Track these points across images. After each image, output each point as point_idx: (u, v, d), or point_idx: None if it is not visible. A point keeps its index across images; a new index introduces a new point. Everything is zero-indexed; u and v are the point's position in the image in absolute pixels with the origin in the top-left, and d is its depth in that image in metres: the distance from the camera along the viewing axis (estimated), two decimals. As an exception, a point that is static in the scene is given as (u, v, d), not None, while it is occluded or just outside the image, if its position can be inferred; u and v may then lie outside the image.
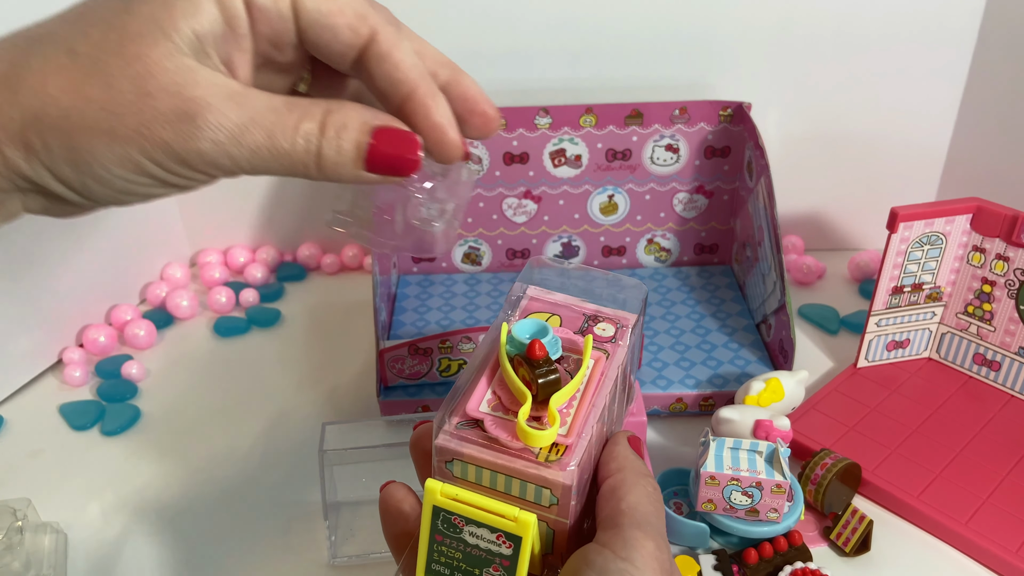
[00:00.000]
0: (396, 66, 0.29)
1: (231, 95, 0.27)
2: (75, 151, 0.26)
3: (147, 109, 0.26)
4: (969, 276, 0.62)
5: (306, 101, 0.28)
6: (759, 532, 0.48)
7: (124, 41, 0.26)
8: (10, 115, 0.26)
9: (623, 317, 0.37)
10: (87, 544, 0.53)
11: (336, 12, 0.28)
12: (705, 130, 0.73)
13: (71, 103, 0.26)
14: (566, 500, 0.31)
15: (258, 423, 0.63)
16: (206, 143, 0.26)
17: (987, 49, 0.72)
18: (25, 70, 0.26)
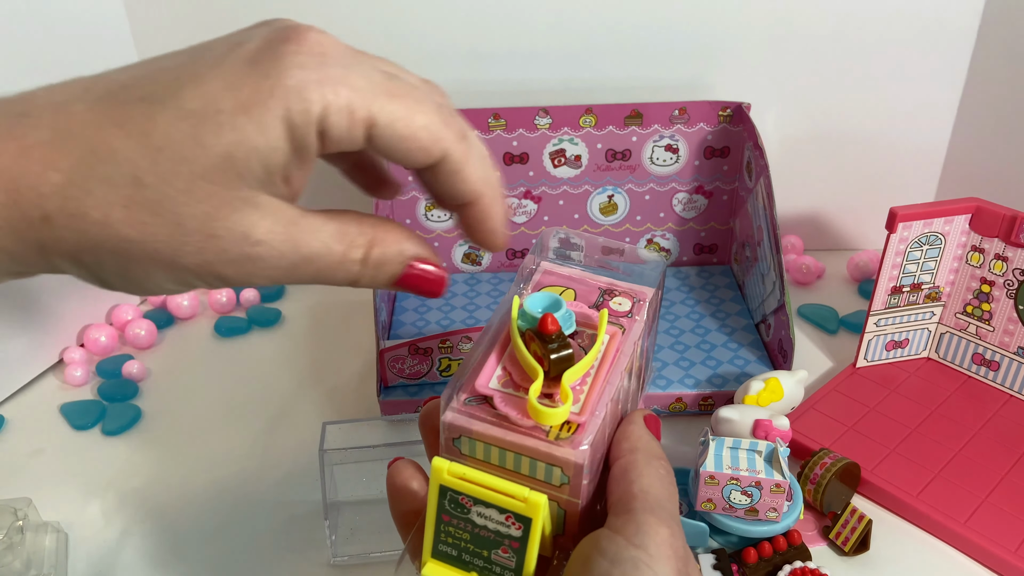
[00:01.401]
0: (464, 180, 0.30)
1: (288, 231, 0.27)
2: (128, 271, 0.27)
3: (211, 249, 0.26)
4: (968, 276, 0.62)
5: (354, 227, 0.29)
6: (758, 531, 0.48)
7: (194, 177, 0.25)
8: (65, 237, 0.25)
9: (640, 291, 0.36)
10: (88, 544, 0.53)
11: (410, 138, 0.28)
12: (705, 130, 0.73)
13: (137, 237, 0.26)
14: (578, 480, 0.30)
15: (258, 423, 0.63)
16: (259, 277, 0.28)
17: (987, 49, 0.73)
18: (86, 193, 0.25)
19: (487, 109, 0.71)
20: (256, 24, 0.29)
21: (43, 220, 0.25)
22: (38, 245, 0.26)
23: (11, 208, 0.25)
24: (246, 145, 0.26)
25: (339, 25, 0.71)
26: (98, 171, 0.25)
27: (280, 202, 0.28)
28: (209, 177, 0.26)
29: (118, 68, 0.28)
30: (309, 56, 0.27)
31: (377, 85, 0.28)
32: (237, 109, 0.26)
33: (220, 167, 0.26)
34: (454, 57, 0.73)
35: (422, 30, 0.72)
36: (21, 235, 0.25)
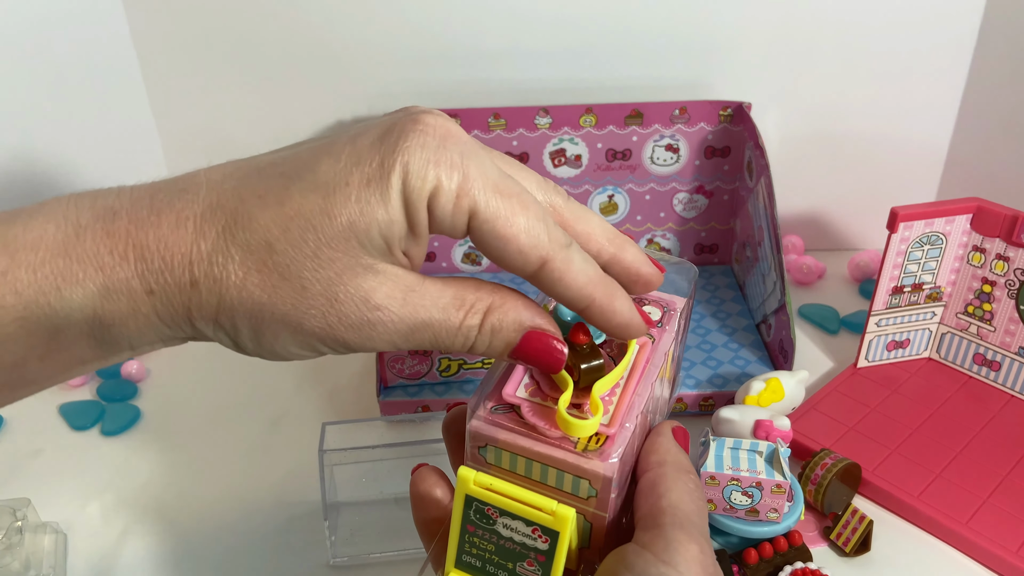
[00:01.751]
0: (568, 287, 0.30)
1: (407, 297, 0.29)
2: (261, 335, 0.29)
3: (333, 313, 0.28)
4: (969, 276, 0.62)
5: (471, 294, 0.30)
6: (759, 532, 0.48)
7: (321, 245, 0.27)
8: (208, 300, 0.28)
9: (670, 300, 0.35)
10: (87, 544, 0.53)
11: (509, 239, 0.28)
12: (705, 130, 0.73)
13: (267, 300, 0.28)
14: (605, 493, 0.29)
15: (258, 423, 0.63)
16: (379, 342, 0.29)
17: (988, 48, 0.72)
18: (228, 259, 0.28)
19: (487, 109, 0.71)
20: (393, 111, 0.30)
21: (191, 285, 0.28)
22: (186, 309, 0.28)
23: (166, 274, 0.28)
24: (367, 216, 0.27)
25: (339, 25, 0.71)
26: (238, 238, 0.28)
27: (399, 269, 0.29)
28: (333, 245, 0.27)
29: (269, 152, 0.30)
30: (432, 138, 0.28)
31: (489, 178, 0.28)
32: (362, 182, 0.27)
33: (343, 235, 0.27)
34: (454, 57, 0.73)
35: (422, 30, 0.72)
36: (172, 299, 0.28)
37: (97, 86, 0.70)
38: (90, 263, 0.27)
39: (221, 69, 0.73)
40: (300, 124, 0.76)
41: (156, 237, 0.28)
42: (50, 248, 0.28)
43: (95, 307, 0.28)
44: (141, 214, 0.28)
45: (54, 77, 0.66)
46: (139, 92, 0.74)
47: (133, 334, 0.29)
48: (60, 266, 0.27)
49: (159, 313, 0.28)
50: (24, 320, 0.27)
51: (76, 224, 0.28)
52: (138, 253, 0.28)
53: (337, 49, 0.72)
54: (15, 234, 0.28)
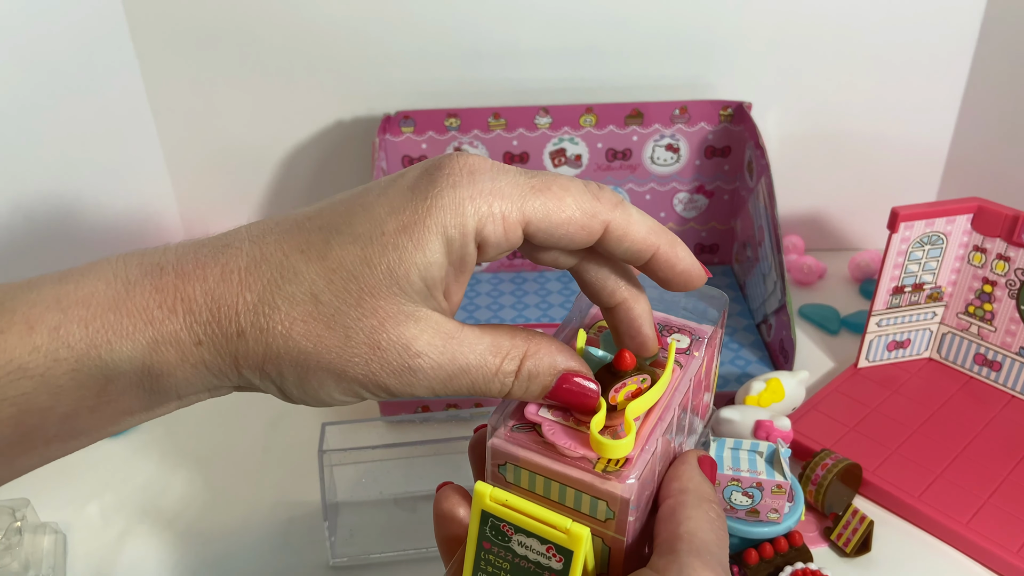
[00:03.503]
0: (634, 241, 0.31)
1: (446, 344, 0.30)
2: (306, 382, 0.29)
3: (376, 360, 0.29)
4: (970, 276, 0.62)
5: (507, 341, 0.31)
6: (759, 532, 0.48)
7: (363, 295, 0.29)
8: (255, 349, 0.29)
9: (699, 329, 0.35)
10: (86, 544, 0.53)
11: (567, 221, 0.30)
12: (705, 130, 0.73)
13: (312, 349, 0.29)
14: (623, 515, 0.29)
15: (258, 423, 0.63)
16: (419, 388, 0.30)
17: (988, 48, 0.72)
18: (273, 309, 0.29)
19: (487, 108, 0.71)
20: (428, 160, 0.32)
21: (239, 335, 0.29)
22: (233, 358, 0.29)
23: (213, 325, 0.29)
24: (407, 261, 0.29)
25: (340, 25, 0.71)
26: (284, 290, 0.29)
27: (439, 316, 0.30)
28: (375, 293, 0.29)
29: (309, 206, 0.31)
30: (460, 176, 0.29)
31: (523, 187, 0.30)
32: (399, 230, 0.29)
33: (384, 283, 0.29)
34: (454, 57, 0.73)
35: (422, 30, 0.72)
36: (220, 349, 0.29)
37: (97, 86, 0.70)
38: (140, 317, 0.29)
39: (221, 69, 0.73)
40: (300, 124, 0.76)
41: (203, 290, 0.29)
42: (101, 304, 0.29)
43: (144, 359, 0.29)
44: (187, 268, 0.29)
45: (54, 77, 0.66)
46: (139, 92, 0.74)
47: (181, 384, 0.30)
48: (111, 320, 0.29)
49: (207, 363, 0.29)
50: (76, 372, 0.28)
51: (125, 280, 0.29)
52: (186, 306, 0.29)
53: (337, 49, 0.72)
54: (67, 291, 0.29)
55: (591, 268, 0.33)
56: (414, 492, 0.54)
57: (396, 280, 0.29)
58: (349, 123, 0.76)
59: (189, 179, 0.79)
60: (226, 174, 0.79)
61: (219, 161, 0.78)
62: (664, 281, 0.32)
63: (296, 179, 0.79)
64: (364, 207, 0.30)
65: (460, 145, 0.72)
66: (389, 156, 0.72)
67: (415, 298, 0.29)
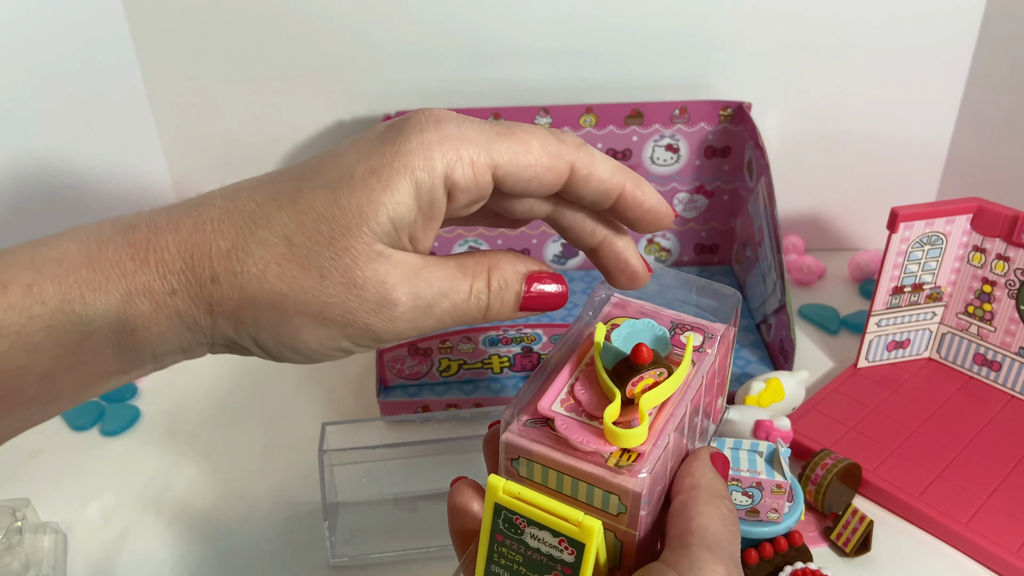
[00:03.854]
0: (600, 179, 0.32)
1: (419, 274, 0.31)
2: (283, 328, 0.30)
3: (353, 297, 0.29)
4: (969, 276, 0.62)
5: (469, 259, 0.32)
6: (759, 532, 0.48)
7: (334, 234, 0.29)
8: (229, 294, 0.29)
9: (712, 327, 0.35)
10: (87, 544, 0.53)
11: (534, 164, 0.31)
12: (705, 130, 0.73)
13: (287, 290, 0.29)
14: (635, 509, 0.29)
15: (258, 423, 0.63)
16: (402, 323, 0.30)
17: (988, 48, 0.72)
18: (246, 254, 0.29)
19: (487, 109, 0.71)
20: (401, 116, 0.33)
21: (212, 280, 0.29)
22: (207, 306, 0.30)
23: (187, 272, 0.29)
24: (375, 201, 0.29)
25: (340, 25, 0.71)
26: (257, 235, 0.29)
27: (406, 253, 0.31)
28: (346, 232, 0.29)
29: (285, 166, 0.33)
30: (426, 123, 0.30)
31: (489, 133, 0.31)
32: (367, 173, 0.30)
33: (354, 223, 0.29)
34: (454, 57, 0.73)
35: (422, 30, 0.72)
36: (194, 296, 0.29)
37: (97, 86, 0.70)
38: (113, 270, 0.29)
39: (221, 69, 0.73)
40: (300, 124, 0.76)
41: (175, 240, 0.29)
42: (74, 261, 0.29)
43: (118, 312, 0.29)
44: (160, 223, 0.30)
45: (54, 77, 0.66)
46: (139, 92, 0.74)
47: (156, 340, 0.30)
48: (84, 275, 0.29)
49: (181, 314, 0.30)
50: (51, 328, 0.29)
51: (99, 239, 0.30)
52: (158, 256, 0.29)
53: (337, 49, 0.72)
54: (40, 252, 0.29)
55: (566, 213, 0.33)
56: (414, 492, 0.54)
57: (365, 220, 0.29)
58: (349, 123, 0.76)
59: (189, 179, 0.79)
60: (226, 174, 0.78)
61: (219, 161, 0.78)
62: (633, 221, 0.33)
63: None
64: (333, 156, 0.31)
65: (460, 145, 0.72)
66: (389, 156, 0.72)
67: (383, 238, 0.30)
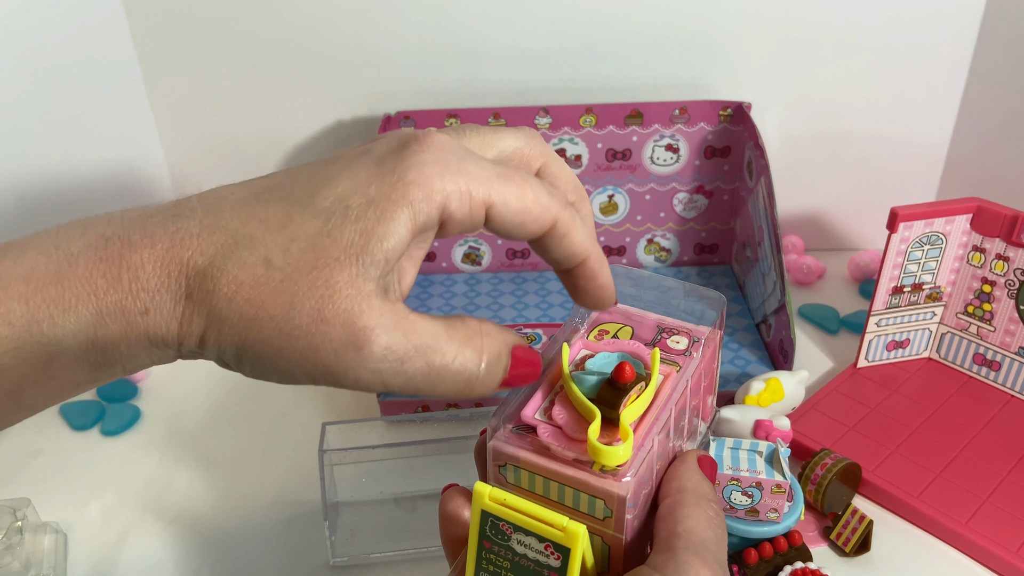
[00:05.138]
0: (572, 242, 0.32)
1: (397, 323, 0.29)
2: (244, 353, 0.29)
3: (317, 334, 0.28)
4: (969, 276, 0.62)
5: (459, 322, 0.31)
6: (759, 532, 0.48)
7: (318, 264, 0.28)
8: (199, 313, 0.28)
9: (697, 330, 0.36)
10: (87, 544, 0.53)
11: (524, 211, 0.30)
12: (705, 130, 0.73)
13: (253, 315, 0.28)
14: (621, 513, 0.30)
15: (258, 423, 0.63)
16: (365, 371, 0.28)
17: (988, 48, 0.72)
18: (222, 273, 0.28)
19: (487, 109, 0.71)
20: (383, 134, 0.32)
21: (186, 298, 0.28)
22: (178, 323, 0.28)
23: (162, 291, 0.28)
24: (369, 234, 0.28)
25: (340, 25, 0.71)
26: (236, 254, 0.28)
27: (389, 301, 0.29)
28: (331, 265, 0.28)
29: (261, 176, 0.31)
30: (428, 152, 0.29)
31: (490, 172, 0.30)
32: (365, 204, 0.28)
33: (343, 256, 0.28)
34: (454, 57, 0.73)
35: (422, 30, 0.72)
36: (167, 314, 0.28)
37: (97, 86, 0.70)
38: (83, 288, 0.28)
39: (221, 69, 0.73)
40: (300, 124, 0.76)
41: (151, 258, 0.28)
42: (42, 279, 0.28)
43: (88, 332, 0.28)
44: (134, 238, 0.28)
45: (54, 77, 0.66)
46: (139, 92, 0.74)
47: (125, 356, 0.29)
48: (53, 294, 0.28)
49: (150, 333, 0.28)
50: (18, 350, 0.28)
51: (68, 253, 0.28)
52: (132, 274, 0.28)
53: (337, 49, 0.72)
54: (6, 267, 0.28)
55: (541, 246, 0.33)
56: (414, 492, 0.54)
57: (356, 254, 0.28)
58: (349, 123, 0.76)
59: (189, 179, 0.79)
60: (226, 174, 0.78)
61: (219, 161, 0.78)
62: (579, 290, 0.33)
63: (296, 179, 0.79)
64: (327, 180, 0.29)
65: (460, 145, 0.72)
66: (389, 156, 0.72)
67: (372, 273, 0.28)
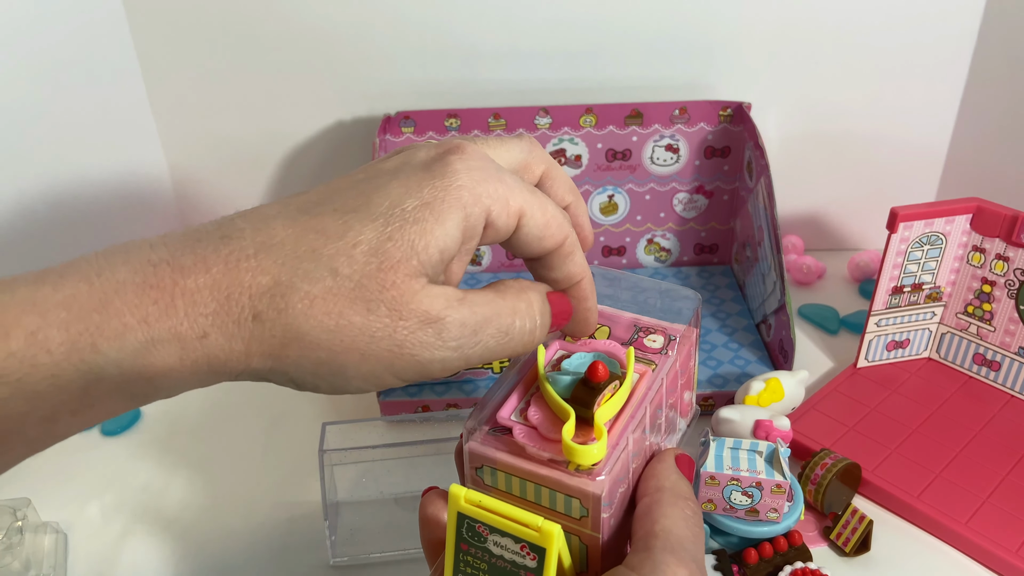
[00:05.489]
0: (575, 262, 0.35)
1: (461, 302, 0.31)
2: (325, 366, 0.29)
3: (401, 331, 0.29)
4: (969, 276, 0.62)
5: (504, 288, 0.33)
6: (759, 532, 0.48)
7: (384, 267, 0.29)
8: (272, 333, 0.28)
9: (673, 328, 0.36)
10: (87, 544, 0.53)
11: (545, 225, 0.33)
12: (705, 130, 0.73)
13: (334, 326, 0.28)
14: (596, 512, 0.30)
15: (258, 423, 0.63)
16: (448, 351, 0.30)
17: (988, 48, 0.72)
18: (291, 289, 0.28)
19: (487, 109, 0.71)
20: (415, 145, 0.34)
21: (254, 318, 0.28)
22: (245, 346, 0.28)
23: (221, 315, 0.28)
24: (427, 235, 0.30)
25: (340, 25, 0.71)
26: (301, 269, 0.28)
27: (447, 288, 0.31)
28: (396, 267, 0.29)
29: (305, 192, 0.32)
30: (473, 161, 0.31)
31: (521, 185, 0.33)
32: (420, 206, 0.30)
33: (405, 257, 0.29)
34: (454, 57, 0.73)
35: (422, 30, 0.72)
36: (230, 336, 0.28)
37: (97, 86, 0.70)
38: (132, 316, 0.27)
39: (221, 69, 0.73)
40: (300, 123, 0.76)
41: (207, 282, 0.28)
42: (84, 306, 0.27)
43: (134, 362, 0.27)
44: (185, 263, 0.28)
45: (54, 76, 0.66)
46: (139, 92, 0.74)
47: (171, 385, 0.29)
48: (96, 322, 0.27)
49: (210, 357, 0.28)
50: (56, 378, 0.27)
51: (113, 280, 0.27)
52: (188, 300, 0.27)
53: (337, 49, 0.72)
54: (44, 294, 0.27)
55: None
56: (414, 491, 0.54)
57: (416, 254, 0.29)
58: (349, 123, 0.76)
59: (189, 179, 0.79)
60: (226, 174, 0.79)
61: (219, 161, 0.78)
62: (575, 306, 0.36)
63: (296, 179, 0.79)
64: (378, 187, 0.31)
65: (460, 145, 0.72)
66: (389, 156, 0.72)
67: (429, 271, 0.30)
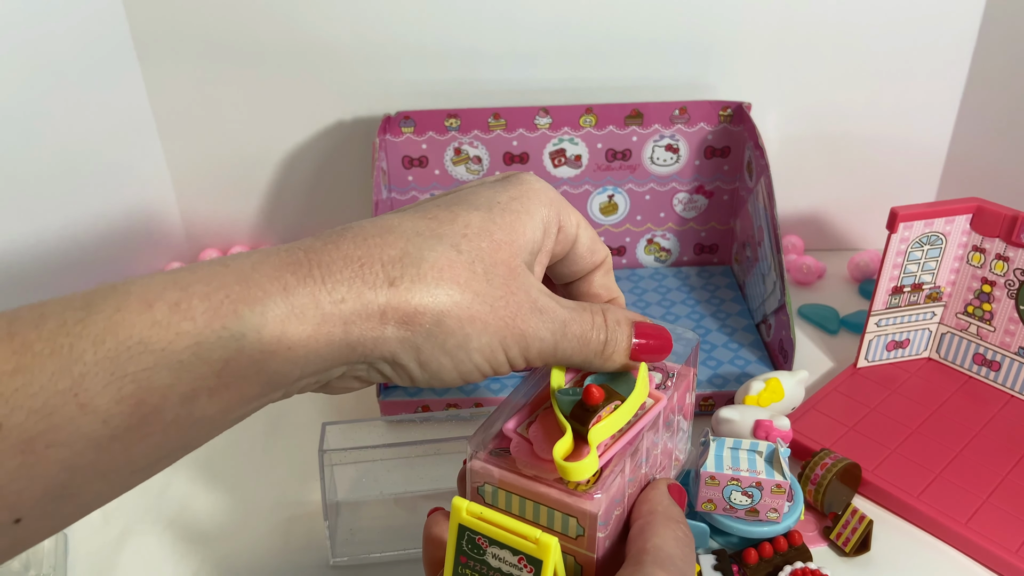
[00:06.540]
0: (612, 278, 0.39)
1: (551, 294, 0.34)
2: (453, 337, 0.31)
3: (513, 304, 0.32)
4: (969, 276, 0.62)
5: (584, 303, 0.36)
6: (759, 532, 0.48)
7: (494, 247, 0.32)
8: (407, 298, 0.30)
9: (670, 366, 0.38)
10: (87, 544, 0.53)
11: (594, 239, 0.38)
12: (705, 130, 0.73)
13: (460, 293, 0.30)
14: (592, 531, 0.31)
15: (258, 423, 0.63)
16: (546, 333, 0.33)
17: (988, 48, 0.72)
18: (420, 260, 0.30)
19: (487, 109, 0.71)
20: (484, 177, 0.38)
21: (390, 284, 0.30)
22: (380, 310, 0.30)
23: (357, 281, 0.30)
24: (521, 222, 0.33)
25: (340, 24, 0.71)
26: (426, 244, 0.31)
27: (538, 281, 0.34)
28: (502, 246, 0.32)
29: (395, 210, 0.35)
30: (539, 179, 0.36)
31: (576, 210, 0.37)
32: (509, 199, 0.34)
33: (507, 239, 0.33)
34: (454, 57, 0.73)
35: (422, 30, 0.72)
36: (367, 302, 0.29)
37: (97, 87, 0.70)
38: (271, 285, 0.28)
39: (221, 69, 0.73)
40: (300, 124, 0.76)
41: (340, 255, 0.30)
42: (223, 280, 0.28)
43: (274, 328, 0.28)
44: (315, 245, 0.30)
45: (54, 76, 0.66)
46: (139, 92, 0.74)
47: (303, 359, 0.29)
48: (237, 291, 0.28)
49: (348, 324, 0.29)
50: (199, 346, 0.27)
51: (249, 261, 0.29)
52: (324, 270, 0.29)
53: (337, 49, 0.72)
54: (182, 275, 0.28)
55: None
56: (414, 492, 0.54)
57: (516, 238, 0.33)
58: (349, 123, 0.76)
59: (190, 179, 0.79)
60: (227, 174, 0.79)
61: (220, 161, 0.78)
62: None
63: (297, 179, 0.79)
64: (470, 192, 0.34)
65: (460, 145, 0.72)
66: (389, 156, 0.73)
67: (526, 257, 0.33)
